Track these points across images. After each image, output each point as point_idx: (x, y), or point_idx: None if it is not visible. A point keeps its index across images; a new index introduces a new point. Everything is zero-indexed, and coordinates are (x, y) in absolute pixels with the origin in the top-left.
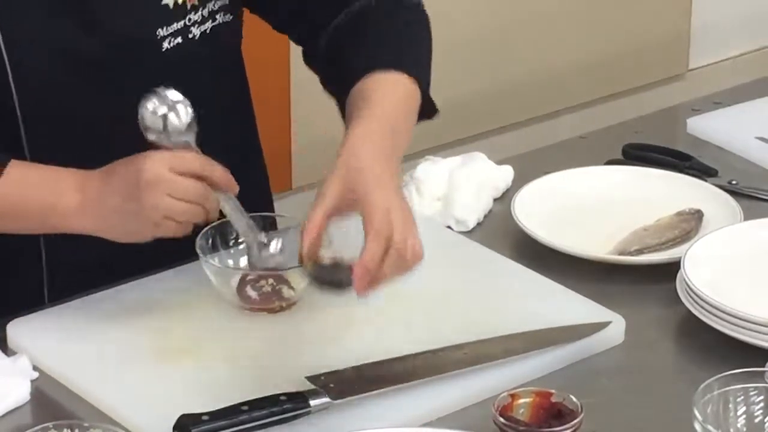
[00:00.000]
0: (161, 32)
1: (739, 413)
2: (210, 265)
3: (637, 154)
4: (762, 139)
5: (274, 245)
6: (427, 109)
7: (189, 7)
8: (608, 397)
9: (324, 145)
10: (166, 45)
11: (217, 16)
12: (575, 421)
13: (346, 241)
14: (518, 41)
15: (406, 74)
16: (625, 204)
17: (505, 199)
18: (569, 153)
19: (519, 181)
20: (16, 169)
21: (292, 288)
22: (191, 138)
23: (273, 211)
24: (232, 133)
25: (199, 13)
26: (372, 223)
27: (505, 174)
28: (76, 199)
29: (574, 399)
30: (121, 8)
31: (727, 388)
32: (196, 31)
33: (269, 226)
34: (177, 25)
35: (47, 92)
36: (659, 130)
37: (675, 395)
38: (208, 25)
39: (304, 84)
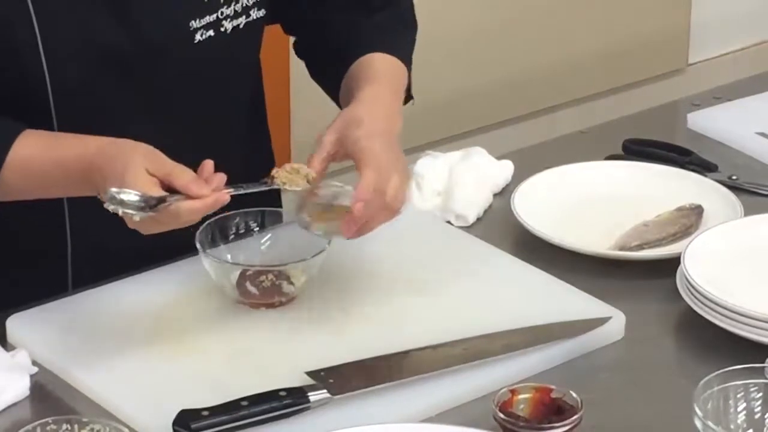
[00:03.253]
0: (194, 24)
1: (739, 409)
2: (210, 259)
3: (637, 150)
4: (762, 134)
5: (274, 246)
6: (406, 96)
7: (222, 0)
8: (608, 392)
9: None
10: (198, 37)
11: (251, 12)
12: (575, 416)
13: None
14: (518, 36)
15: (397, 58)
16: (625, 199)
17: (504, 194)
18: (569, 148)
19: (519, 176)
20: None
21: (291, 283)
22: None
23: (280, 202)
24: (248, 126)
25: (232, 7)
26: (365, 162)
27: (505, 169)
28: (84, 189)
29: (574, 395)
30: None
31: (728, 384)
32: (228, 25)
33: (275, 220)
34: (210, 18)
35: (80, 83)
36: (659, 125)
37: (675, 391)
38: (242, 20)
39: (304, 83)
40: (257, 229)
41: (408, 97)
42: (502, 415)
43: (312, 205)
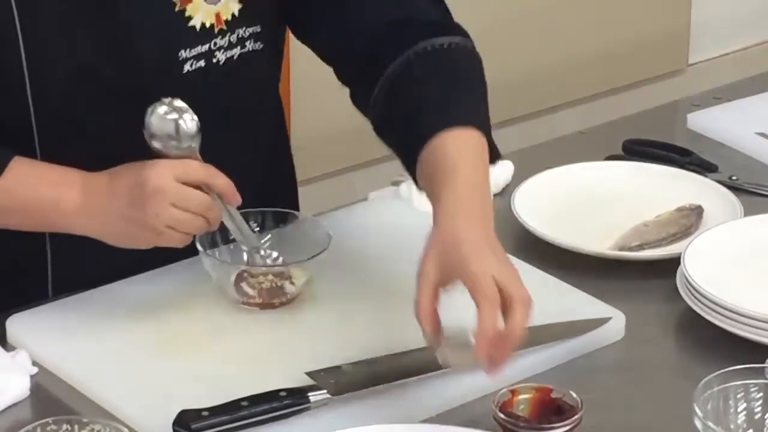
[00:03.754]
0: (183, 54)
1: (739, 409)
2: (210, 260)
3: (638, 150)
4: (762, 134)
5: (275, 246)
6: (491, 155)
7: (216, 31)
8: (608, 393)
9: (323, 140)
10: (187, 67)
11: (247, 44)
12: (575, 417)
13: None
14: (518, 36)
15: (475, 129)
16: (626, 199)
17: (505, 194)
18: (569, 148)
19: (519, 177)
20: (20, 165)
21: (292, 283)
22: (196, 145)
23: (297, 203)
24: (253, 148)
25: (227, 38)
26: (480, 291)
27: (505, 169)
28: (78, 199)
29: (575, 395)
30: (145, 26)
31: (728, 385)
32: (221, 56)
33: (276, 220)
34: (201, 49)
35: (65, 110)
36: (659, 126)
37: (675, 391)
38: (236, 51)
39: (304, 80)
40: (258, 229)
41: (496, 156)
42: (502, 416)
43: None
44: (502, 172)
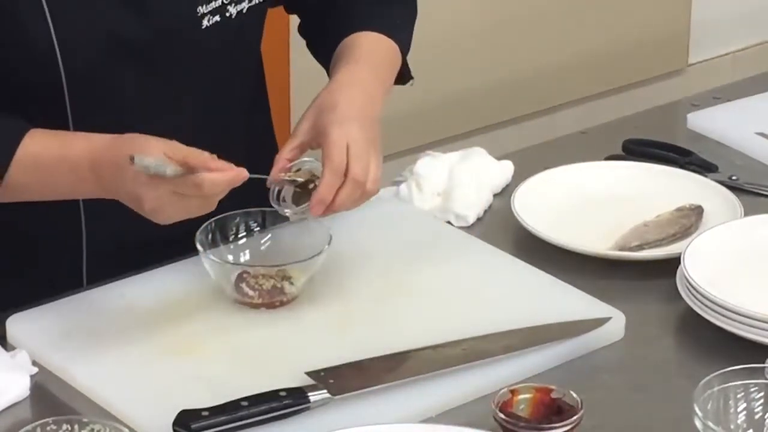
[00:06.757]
0: (201, 9)
1: (739, 409)
2: (210, 259)
3: (638, 150)
4: (762, 134)
5: (275, 246)
6: (404, 75)
7: None
8: (608, 393)
9: None
10: (205, 23)
11: None
12: (575, 417)
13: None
14: (519, 36)
15: (390, 37)
16: (625, 199)
17: (505, 194)
18: (569, 148)
19: (519, 177)
20: (36, 137)
21: (292, 284)
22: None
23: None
24: (249, 118)
25: None
26: (329, 158)
27: (505, 169)
28: (94, 187)
29: (575, 395)
30: None
31: (728, 385)
32: (232, 10)
33: (276, 220)
34: (215, 3)
35: (93, 72)
36: (659, 126)
37: (675, 391)
38: (245, 5)
39: (304, 78)
40: (257, 229)
41: (407, 77)
42: (502, 416)
43: (289, 190)
44: (502, 172)
